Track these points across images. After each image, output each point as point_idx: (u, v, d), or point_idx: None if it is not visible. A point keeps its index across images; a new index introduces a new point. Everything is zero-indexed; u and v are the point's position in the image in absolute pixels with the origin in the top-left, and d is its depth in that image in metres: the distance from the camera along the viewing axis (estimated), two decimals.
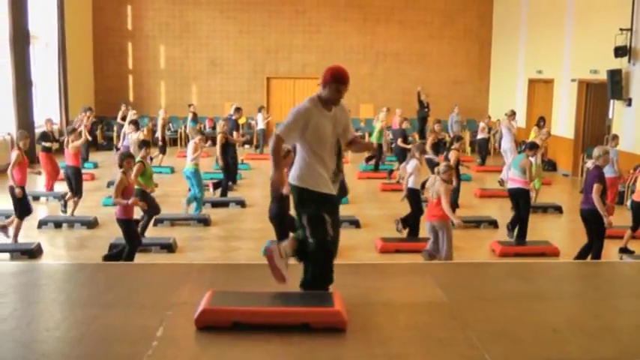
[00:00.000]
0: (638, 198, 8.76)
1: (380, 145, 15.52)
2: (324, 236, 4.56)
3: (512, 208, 9.99)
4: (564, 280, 6.02)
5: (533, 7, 18.01)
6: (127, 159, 7.55)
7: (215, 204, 11.41)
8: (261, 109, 18.50)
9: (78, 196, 10.52)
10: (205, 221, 10.19)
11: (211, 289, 4.68)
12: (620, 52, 12.77)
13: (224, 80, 20.88)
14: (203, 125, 19.34)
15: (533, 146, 9.61)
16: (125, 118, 15.52)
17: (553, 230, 10.35)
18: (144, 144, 9.30)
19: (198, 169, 10.48)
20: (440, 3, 20.87)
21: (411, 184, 9.20)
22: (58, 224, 9.94)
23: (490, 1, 21.07)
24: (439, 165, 7.95)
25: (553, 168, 16.20)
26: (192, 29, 20.60)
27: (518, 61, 18.95)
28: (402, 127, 14.89)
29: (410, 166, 9.34)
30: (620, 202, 11.81)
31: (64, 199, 10.69)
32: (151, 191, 8.82)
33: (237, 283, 5.38)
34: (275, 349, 4.05)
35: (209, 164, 14.71)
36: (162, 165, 15.08)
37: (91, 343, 4.14)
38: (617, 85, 13.04)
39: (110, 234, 9.07)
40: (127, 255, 7.43)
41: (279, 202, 7.43)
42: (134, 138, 12.10)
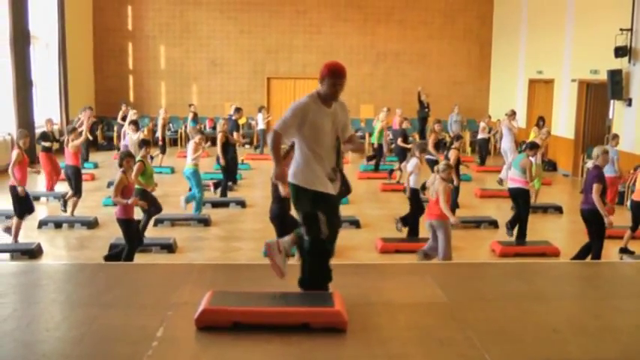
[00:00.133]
0: (637, 198, 8.77)
1: (380, 146, 15.53)
2: (317, 235, 4.55)
3: (512, 207, 9.99)
4: (564, 281, 6.02)
5: (533, 8, 18.01)
6: (126, 158, 7.55)
7: (215, 204, 11.41)
8: (262, 109, 18.51)
9: (77, 196, 10.53)
10: (205, 221, 10.19)
11: (211, 289, 4.68)
12: (621, 52, 12.77)
13: (224, 80, 20.89)
14: (203, 125, 19.34)
15: (533, 146, 9.60)
16: (125, 118, 15.52)
17: (553, 230, 10.35)
18: (144, 143, 9.30)
19: (197, 169, 10.47)
20: (440, 3, 20.87)
21: (411, 183, 9.19)
22: (58, 224, 9.95)
23: (490, 2, 21.07)
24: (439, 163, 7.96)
25: (553, 168, 16.19)
26: (193, 29, 20.60)
27: (518, 62, 18.95)
28: (403, 127, 14.89)
29: (410, 165, 9.34)
30: (621, 203, 11.81)
31: (63, 198, 10.69)
32: (152, 190, 8.83)
33: (237, 283, 5.38)
34: (275, 349, 4.05)
35: (209, 164, 14.71)
36: (162, 165, 15.08)
37: (91, 343, 4.14)
38: (617, 86, 13.04)
39: (110, 234, 9.08)
40: (127, 255, 7.43)
41: (279, 202, 7.44)
42: (134, 139, 12.09)
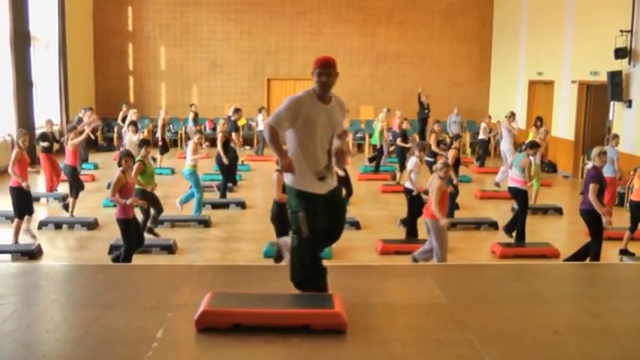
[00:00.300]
0: (636, 198, 8.78)
1: (381, 146, 15.51)
2: (299, 233, 4.58)
3: (512, 209, 9.99)
4: (564, 282, 6.02)
5: (533, 9, 18.02)
6: (125, 157, 7.55)
7: (215, 205, 11.41)
8: (262, 109, 18.51)
9: (73, 196, 10.54)
10: (205, 222, 10.18)
11: (211, 290, 4.68)
12: (621, 53, 12.77)
13: (224, 81, 20.89)
14: (203, 126, 19.35)
15: (533, 145, 9.61)
16: (125, 119, 15.51)
17: (553, 232, 10.35)
18: (144, 142, 9.30)
19: (195, 170, 10.47)
20: (440, 4, 20.88)
21: (410, 184, 9.17)
22: (58, 225, 9.94)
23: (490, 3, 21.08)
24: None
25: (553, 169, 16.19)
26: (193, 30, 20.61)
27: (518, 63, 18.96)
28: (403, 128, 14.88)
29: (410, 164, 9.34)
30: (621, 204, 11.81)
31: (65, 203, 10.67)
32: (152, 189, 8.82)
33: (237, 284, 5.37)
34: (275, 350, 4.05)
35: (209, 165, 14.71)
36: (162, 166, 15.07)
37: (91, 344, 4.14)
38: (617, 87, 13.04)
39: (110, 235, 9.08)
40: (124, 255, 7.43)
41: (279, 203, 7.44)
42: (134, 140, 12.08)
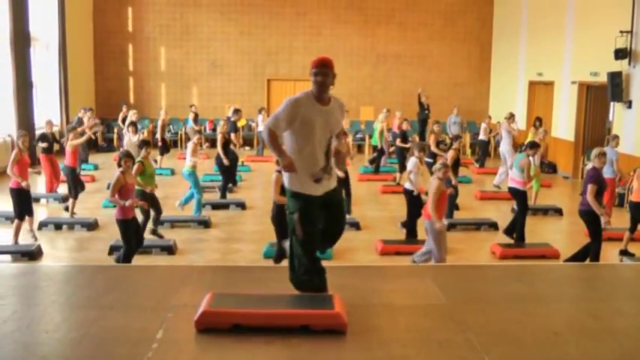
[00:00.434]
0: (635, 198, 8.80)
1: (381, 148, 15.49)
2: (295, 234, 4.62)
3: (512, 209, 9.99)
4: (564, 283, 6.01)
5: (533, 10, 18.02)
6: (124, 158, 7.55)
7: (215, 206, 11.41)
8: (262, 110, 18.51)
9: (73, 197, 10.56)
10: (205, 223, 10.18)
11: (211, 291, 4.68)
12: (621, 54, 12.77)
13: (224, 82, 20.90)
14: (203, 127, 19.35)
15: (533, 145, 9.61)
16: (125, 119, 15.51)
17: (553, 232, 10.34)
18: (144, 143, 9.31)
19: (194, 171, 10.47)
20: (440, 5, 20.88)
21: (409, 184, 9.16)
22: (58, 226, 9.94)
23: (490, 4, 21.09)
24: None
25: (553, 170, 16.19)
26: (193, 31, 20.62)
27: (518, 64, 18.96)
28: (402, 129, 14.86)
29: (409, 164, 9.33)
30: (621, 205, 11.81)
31: (64, 201, 10.68)
32: (151, 190, 8.81)
33: (237, 285, 5.37)
34: (275, 351, 4.05)
35: (209, 166, 14.71)
36: (162, 166, 15.06)
37: (91, 345, 4.14)
38: (617, 88, 13.04)
39: (110, 236, 9.08)
40: (124, 256, 7.43)
41: (279, 204, 7.44)
42: (133, 140, 12.08)
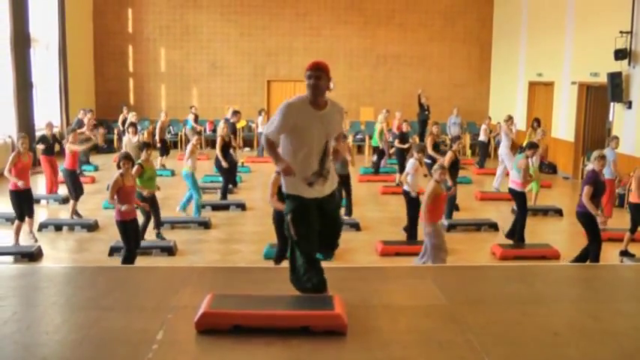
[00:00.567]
0: (634, 199, 8.80)
1: (381, 149, 15.47)
2: (289, 235, 4.69)
3: (512, 210, 9.99)
4: (564, 283, 6.01)
5: (533, 10, 18.03)
6: (123, 160, 7.56)
7: (215, 207, 11.41)
8: (262, 112, 18.52)
9: (73, 198, 10.56)
10: (205, 224, 10.18)
11: (211, 292, 4.68)
12: (621, 54, 12.78)
13: (225, 83, 20.91)
14: (203, 128, 19.35)
15: (532, 146, 9.62)
16: (125, 121, 15.50)
17: (553, 233, 10.34)
18: (145, 145, 9.30)
19: (192, 172, 10.47)
20: (440, 5, 20.89)
21: (408, 186, 9.15)
22: (58, 227, 9.95)
23: (490, 4, 21.10)
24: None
25: (553, 171, 16.19)
26: (193, 32, 20.63)
27: (518, 64, 18.97)
28: (401, 130, 14.82)
29: (408, 166, 9.32)
30: (621, 205, 11.81)
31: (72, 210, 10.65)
32: (148, 194, 8.79)
33: (237, 286, 5.37)
34: (275, 352, 4.04)
35: (209, 167, 14.71)
36: (163, 167, 15.05)
37: (92, 346, 4.13)
38: (617, 88, 13.04)
39: (110, 237, 9.08)
40: (124, 257, 7.43)
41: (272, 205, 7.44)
42: (133, 141, 12.07)
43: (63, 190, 11.99)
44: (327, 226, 4.76)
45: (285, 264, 5.43)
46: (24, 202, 8.83)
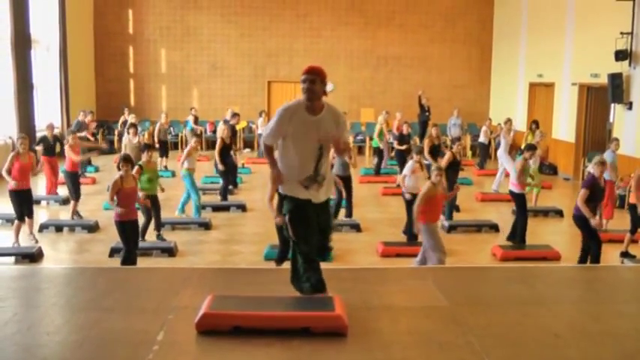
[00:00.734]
0: (633, 200, 8.80)
1: (381, 149, 15.47)
2: (287, 235, 4.76)
3: (512, 211, 9.99)
4: (565, 285, 6.01)
5: (533, 11, 18.03)
6: (122, 162, 7.58)
7: (216, 208, 11.41)
8: (262, 113, 18.52)
9: (73, 199, 10.57)
10: (206, 225, 10.18)
11: (212, 293, 4.68)
12: (621, 55, 12.78)
13: (225, 84, 20.92)
14: (204, 129, 19.35)
15: (530, 147, 9.62)
16: (126, 123, 15.49)
17: (554, 234, 10.33)
18: (146, 147, 9.30)
19: (190, 173, 10.47)
20: (441, 7, 20.90)
21: (404, 187, 9.14)
22: (59, 228, 9.95)
23: (491, 5, 21.11)
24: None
25: (554, 172, 16.19)
26: (194, 33, 20.65)
27: (518, 65, 18.97)
28: (401, 131, 14.79)
29: (406, 167, 9.32)
30: (622, 206, 11.80)
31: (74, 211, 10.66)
32: (145, 195, 8.77)
33: (237, 287, 5.37)
34: (276, 353, 4.04)
35: (209, 168, 14.71)
36: (162, 169, 15.05)
37: (92, 347, 4.14)
38: (617, 89, 13.04)
39: (111, 238, 9.07)
40: (123, 257, 7.43)
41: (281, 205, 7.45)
42: (134, 142, 12.06)
43: (63, 191, 12.00)
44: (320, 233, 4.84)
45: (286, 265, 5.44)
46: (24, 203, 8.84)
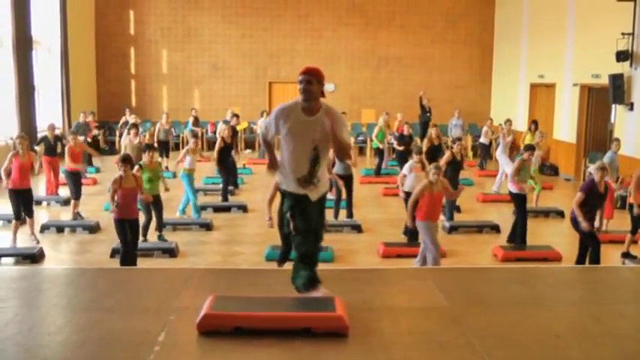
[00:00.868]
0: (632, 201, 8.80)
1: (381, 150, 15.47)
2: (288, 231, 4.85)
3: (513, 212, 9.99)
4: (566, 285, 6.00)
5: (534, 12, 18.03)
6: (121, 163, 7.59)
7: (217, 208, 11.42)
8: (263, 113, 18.51)
9: (74, 198, 10.58)
10: (207, 226, 10.19)
11: (213, 293, 4.68)
12: (622, 56, 12.78)
13: (226, 85, 20.93)
14: (205, 129, 19.36)
15: (529, 148, 9.62)
16: (127, 124, 15.50)
17: (555, 235, 10.33)
18: (147, 147, 9.30)
19: (189, 173, 10.47)
20: (442, 7, 20.91)
21: (405, 186, 9.14)
22: (60, 229, 9.96)
23: (492, 6, 21.11)
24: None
25: (555, 172, 16.18)
26: (195, 34, 20.66)
27: (519, 66, 18.97)
28: (401, 132, 14.79)
29: (405, 167, 9.32)
30: (622, 207, 11.78)
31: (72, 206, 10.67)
32: (145, 197, 8.76)
33: (239, 287, 5.37)
34: (277, 354, 4.04)
35: (210, 169, 14.72)
36: (164, 170, 15.05)
37: (93, 347, 4.14)
38: (618, 90, 13.04)
39: (112, 238, 9.06)
40: (121, 257, 7.44)
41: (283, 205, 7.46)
42: (135, 143, 12.06)
43: (64, 192, 12.01)
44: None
45: (288, 266, 5.44)
46: (22, 202, 8.85)
